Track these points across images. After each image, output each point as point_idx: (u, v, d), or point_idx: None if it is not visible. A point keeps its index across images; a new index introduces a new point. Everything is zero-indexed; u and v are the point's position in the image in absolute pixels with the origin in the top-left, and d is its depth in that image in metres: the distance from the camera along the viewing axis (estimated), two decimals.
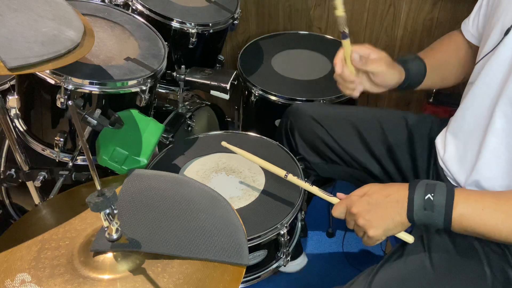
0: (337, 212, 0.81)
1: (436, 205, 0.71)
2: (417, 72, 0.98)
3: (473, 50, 0.99)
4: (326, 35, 1.66)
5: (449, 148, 0.92)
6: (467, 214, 0.71)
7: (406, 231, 0.81)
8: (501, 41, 0.80)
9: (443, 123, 1.00)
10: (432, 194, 0.72)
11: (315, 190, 0.87)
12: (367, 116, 1.10)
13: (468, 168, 0.86)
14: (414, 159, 1.04)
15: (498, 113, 0.79)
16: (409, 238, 0.80)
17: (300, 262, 1.45)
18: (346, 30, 0.87)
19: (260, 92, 1.36)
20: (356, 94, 0.93)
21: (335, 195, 0.85)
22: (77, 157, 1.03)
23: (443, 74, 1.02)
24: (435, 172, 0.99)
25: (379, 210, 0.75)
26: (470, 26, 0.98)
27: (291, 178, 0.88)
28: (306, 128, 1.12)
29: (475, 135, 0.85)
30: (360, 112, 1.12)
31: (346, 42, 0.89)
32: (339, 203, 0.82)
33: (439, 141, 0.97)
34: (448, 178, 0.92)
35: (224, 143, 0.94)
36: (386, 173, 1.07)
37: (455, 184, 0.90)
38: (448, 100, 1.57)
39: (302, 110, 1.14)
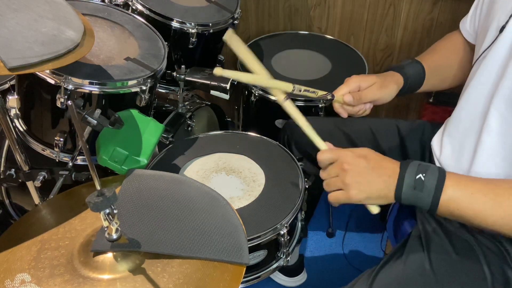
0: (324, 157, 0.79)
1: (426, 185, 0.71)
2: (415, 75, 0.99)
3: (472, 50, 0.99)
4: (326, 35, 1.66)
5: (445, 148, 0.92)
6: (456, 197, 0.71)
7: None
8: (496, 39, 0.80)
9: (435, 127, 1.01)
10: (424, 175, 0.72)
11: (307, 126, 0.84)
12: (359, 125, 1.12)
13: (464, 168, 0.86)
14: None
15: (493, 112, 0.79)
16: (374, 210, 0.79)
17: (301, 279, 1.48)
18: (329, 96, 0.95)
19: (260, 92, 1.36)
20: (368, 112, 1.00)
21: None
22: (77, 157, 1.03)
23: (443, 75, 1.04)
24: None
25: (371, 177, 0.75)
26: (467, 25, 0.99)
27: (288, 104, 0.85)
28: (302, 140, 1.14)
29: (471, 134, 0.85)
30: (353, 122, 1.14)
31: (336, 99, 0.96)
32: (329, 151, 0.80)
33: (435, 142, 0.98)
34: None
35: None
36: None
37: None
38: (448, 100, 1.57)
39: None
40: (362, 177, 0.75)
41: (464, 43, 1.02)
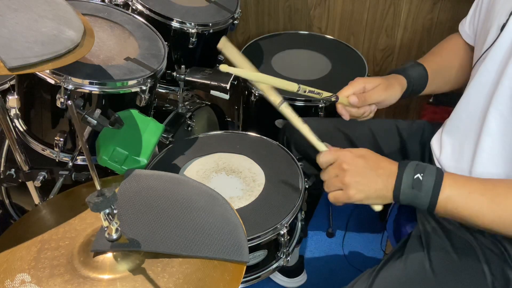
0: (324, 159, 0.79)
1: (424, 185, 0.71)
2: (419, 78, 0.98)
3: (472, 51, 0.99)
4: (326, 35, 1.66)
5: (445, 148, 0.92)
6: (454, 196, 0.71)
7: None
8: (496, 39, 0.80)
9: (435, 127, 1.01)
10: (422, 174, 0.72)
11: (305, 129, 0.84)
12: (359, 126, 1.11)
13: (465, 168, 0.86)
14: None
15: (492, 112, 0.79)
16: (377, 208, 0.79)
17: (301, 280, 1.48)
18: (333, 98, 0.92)
19: (260, 92, 1.36)
20: (372, 115, 0.97)
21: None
22: (77, 157, 1.03)
23: (446, 77, 1.03)
24: None
25: (370, 177, 0.75)
26: (466, 27, 0.98)
27: (284, 108, 0.84)
28: (302, 140, 1.13)
29: (471, 134, 0.85)
30: (352, 123, 1.13)
31: (340, 101, 0.92)
32: (329, 152, 0.80)
33: (434, 141, 0.98)
34: None
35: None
36: None
37: None
38: (448, 100, 1.57)
39: None
40: (361, 177, 0.75)
41: (464, 44, 1.02)
